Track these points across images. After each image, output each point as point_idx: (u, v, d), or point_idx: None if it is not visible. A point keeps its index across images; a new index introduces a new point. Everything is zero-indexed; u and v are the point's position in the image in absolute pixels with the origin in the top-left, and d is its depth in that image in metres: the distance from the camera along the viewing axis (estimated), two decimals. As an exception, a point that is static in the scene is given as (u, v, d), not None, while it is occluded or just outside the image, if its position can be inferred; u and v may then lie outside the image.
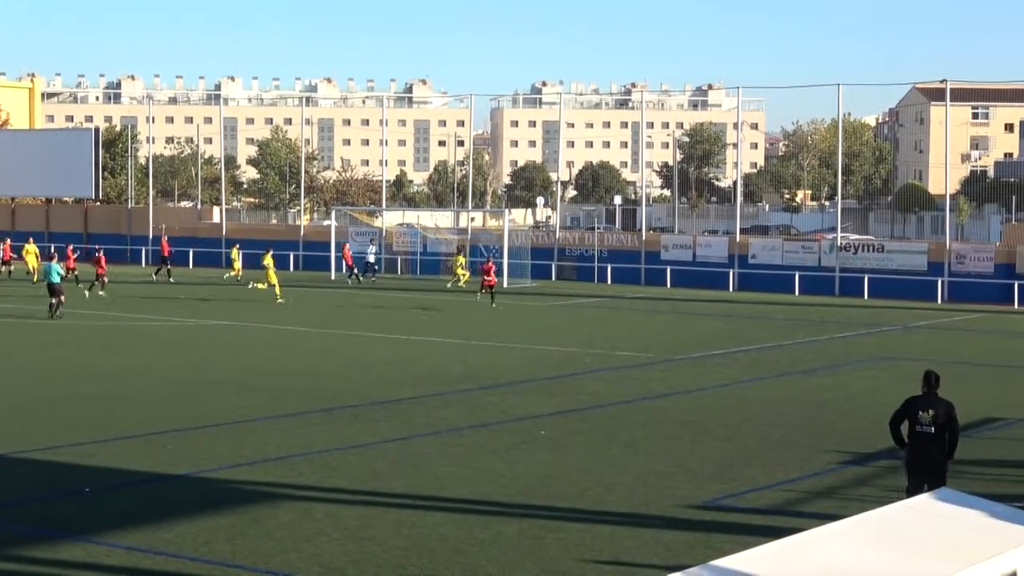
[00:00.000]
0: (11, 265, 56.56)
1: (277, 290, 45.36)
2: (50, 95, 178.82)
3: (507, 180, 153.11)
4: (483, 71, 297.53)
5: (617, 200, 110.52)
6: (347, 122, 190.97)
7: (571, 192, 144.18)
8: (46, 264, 40.67)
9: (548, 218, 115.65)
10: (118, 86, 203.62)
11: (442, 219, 76.17)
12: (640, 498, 16.23)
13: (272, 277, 46.34)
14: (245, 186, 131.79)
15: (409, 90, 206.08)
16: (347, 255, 58.12)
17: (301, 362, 29.15)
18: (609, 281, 57.82)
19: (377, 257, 59.26)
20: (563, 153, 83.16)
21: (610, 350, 32.14)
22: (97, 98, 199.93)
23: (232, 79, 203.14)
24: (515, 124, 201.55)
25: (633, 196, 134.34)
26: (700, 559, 10.96)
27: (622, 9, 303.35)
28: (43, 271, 41.77)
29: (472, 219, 66.59)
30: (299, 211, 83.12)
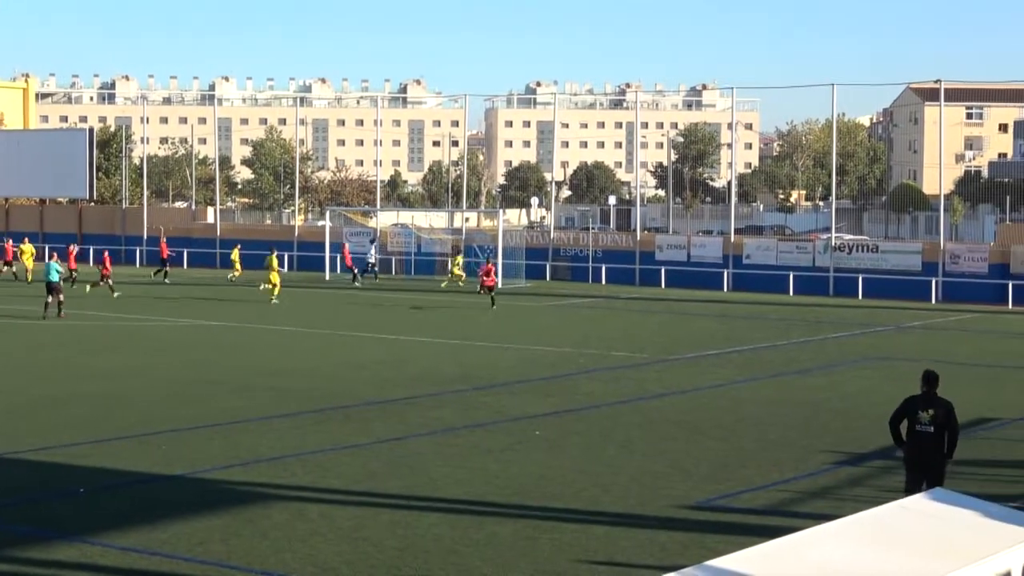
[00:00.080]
0: (13, 266, 56.48)
1: (276, 290, 45.32)
2: (44, 95, 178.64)
3: (502, 180, 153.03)
4: (477, 71, 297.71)
5: (611, 200, 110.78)
6: (341, 122, 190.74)
7: (565, 192, 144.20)
8: (46, 264, 40.67)
9: (543, 218, 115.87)
10: (112, 86, 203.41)
11: (436, 219, 76.18)
12: (635, 498, 16.24)
13: (275, 278, 46.30)
14: (239, 186, 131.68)
15: (404, 90, 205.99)
16: (347, 256, 58.11)
17: (297, 362, 29.14)
18: (604, 281, 57.84)
19: (376, 257, 59.34)
20: (557, 153, 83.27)
21: (605, 350, 32.15)
22: (91, 98, 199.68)
23: (226, 79, 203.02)
24: (509, 124, 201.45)
25: (627, 196, 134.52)
26: (695, 559, 10.95)
27: (616, 9, 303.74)
28: (44, 271, 41.74)
29: (467, 219, 66.59)
30: (293, 211, 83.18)
